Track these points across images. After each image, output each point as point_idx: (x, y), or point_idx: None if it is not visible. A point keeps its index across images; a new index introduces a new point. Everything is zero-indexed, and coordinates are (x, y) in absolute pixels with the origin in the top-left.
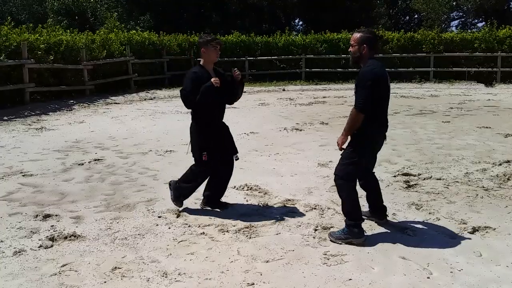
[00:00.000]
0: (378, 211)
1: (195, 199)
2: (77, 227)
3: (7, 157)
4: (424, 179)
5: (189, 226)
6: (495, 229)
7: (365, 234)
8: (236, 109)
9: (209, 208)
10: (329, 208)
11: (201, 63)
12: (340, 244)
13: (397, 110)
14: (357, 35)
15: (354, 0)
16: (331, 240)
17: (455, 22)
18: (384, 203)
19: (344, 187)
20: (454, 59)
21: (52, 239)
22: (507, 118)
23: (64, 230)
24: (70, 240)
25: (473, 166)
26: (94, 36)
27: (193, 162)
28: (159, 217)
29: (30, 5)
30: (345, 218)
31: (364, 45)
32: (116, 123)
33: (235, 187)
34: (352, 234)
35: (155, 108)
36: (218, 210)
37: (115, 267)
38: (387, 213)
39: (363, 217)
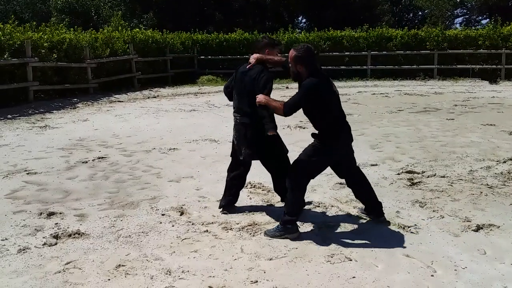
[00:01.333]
0: (374, 209)
1: (198, 197)
2: (81, 225)
3: (12, 155)
4: (428, 177)
5: (192, 224)
6: (499, 226)
7: (299, 229)
8: None
9: (210, 207)
10: (332, 206)
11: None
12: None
13: (401, 107)
14: (291, 53)
15: None
16: (266, 236)
17: (459, 19)
18: (387, 201)
19: (293, 178)
20: (458, 56)
21: (56, 236)
22: (511, 115)
23: (68, 228)
24: (74, 237)
25: (477, 164)
26: (97, 34)
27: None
28: (163, 215)
29: (33, 4)
30: (284, 211)
31: (299, 65)
32: (119, 121)
33: None
34: (286, 230)
35: (158, 106)
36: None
37: (119, 265)
38: (383, 210)
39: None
